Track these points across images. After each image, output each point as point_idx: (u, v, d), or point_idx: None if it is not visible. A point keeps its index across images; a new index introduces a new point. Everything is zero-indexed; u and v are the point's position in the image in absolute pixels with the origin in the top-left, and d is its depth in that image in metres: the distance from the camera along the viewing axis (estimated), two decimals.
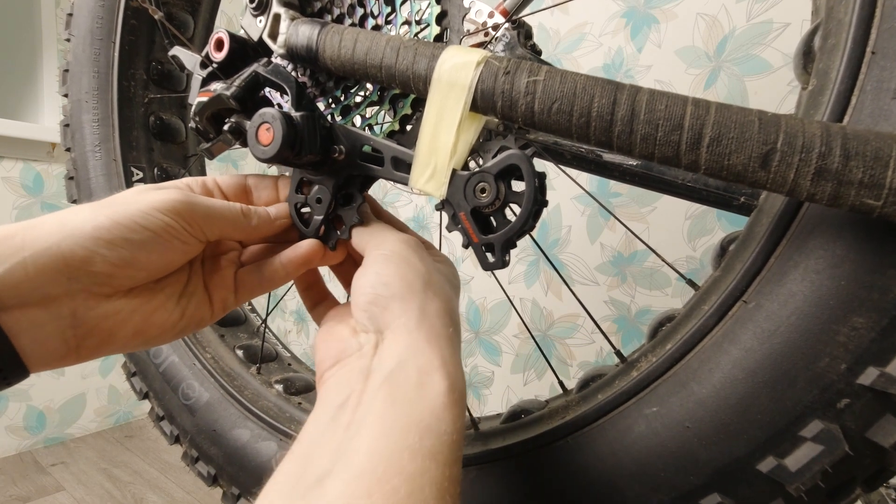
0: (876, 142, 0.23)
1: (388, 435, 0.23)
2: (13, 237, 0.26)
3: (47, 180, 1.44)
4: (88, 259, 0.27)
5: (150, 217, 0.29)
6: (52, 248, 0.26)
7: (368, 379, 0.27)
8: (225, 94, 0.35)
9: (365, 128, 0.41)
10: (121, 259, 0.28)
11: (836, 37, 0.30)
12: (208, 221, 0.32)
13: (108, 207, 0.29)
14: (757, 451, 0.29)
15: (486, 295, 1.28)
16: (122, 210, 0.29)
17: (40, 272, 0.26)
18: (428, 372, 0.26)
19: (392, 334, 0.29)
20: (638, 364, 0.36)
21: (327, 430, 0.25)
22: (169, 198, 0.30)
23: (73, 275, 0.27)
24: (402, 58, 0.33)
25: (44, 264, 0.26)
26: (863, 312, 0.26)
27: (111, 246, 0.28)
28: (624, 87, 0.28)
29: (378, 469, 0.22)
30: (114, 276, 0.29)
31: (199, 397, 0.55)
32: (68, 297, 0.28)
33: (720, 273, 0.34)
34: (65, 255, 0.27)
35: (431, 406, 0.25)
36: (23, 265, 0.26)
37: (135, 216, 0.29)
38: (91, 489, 1.19)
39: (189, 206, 0.31)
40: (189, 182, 0.36)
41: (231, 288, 0.37)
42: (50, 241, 0.26)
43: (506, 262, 0.32)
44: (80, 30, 0.63)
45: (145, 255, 0.30)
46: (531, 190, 0.31)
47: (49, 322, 0.27)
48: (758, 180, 0.25)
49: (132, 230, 0.29)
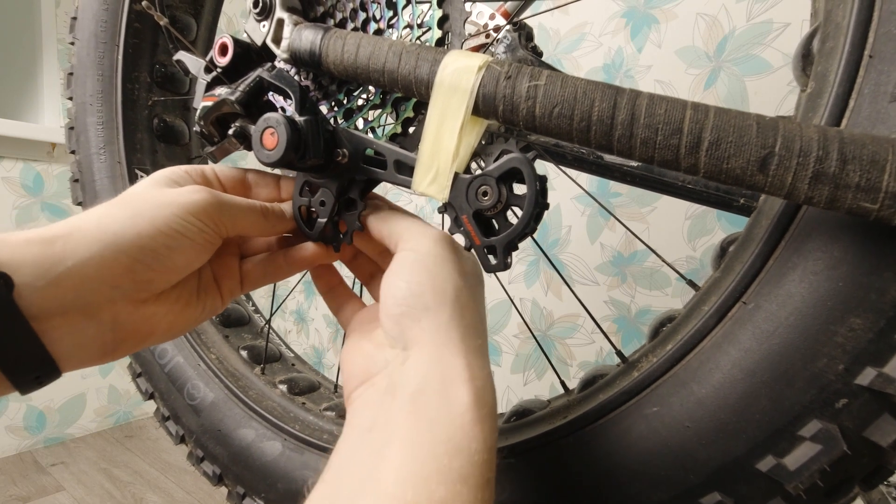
0: (872, 146, 0.24)
1: (415, 457, 0.22)
2: (52, 244, 0.26)
3: (47, 180, 1.45)
4: (131, 268, 0.27)
5: (186, 223, 0.29)
6: (94, 257, 0.26)
7: (395, 398, 0.26)
8: (229, 98, 0.35)
9: (367, 131, 0.41)
10: (162, 265, 0.29)
11: (834, 40, 0.30)
12: (233, 221, 0.33)
13: (146, 214, 0.29)
14: (756, 450, 0.29)
15: (486, 295, 1.28)
16: (160, 217, 0.29)
17: (84, 282, 0.26)
18: (454, 386, 0.25)
19: (419, 349, 0.28)
20: (639, 364, 0.36)
21: (356, 454, 0.25)
22: (200, 200, 0.30)
23: (115, 283, 0.27)
24: (404, 62, 0.34)
25: (86, 274, 0.26)
26: (860, 313, 0.27)
27: (154, 254, 0.28)
28: (624, 91, 0.28)
29: (407, 496, 0.21)
30: (154, 281, 0.29)
31: (204, 397, 0.56)
32: (110, 304, 0.28)
33: (720, 274, 0.34)
34: (109, 264, 0.26)
35: (460, 422, 0.24)
36: (68, 275, 0.25)
37: (172, 223, 0.29)
38: (91, 489, 1.20)
39: (218, 208, 0.31)
40: (189, 170, 0.35)
41: (237, 278, 0.38)
42: (92, 251, 0.26)
43: (508, 264, 0.33)
44: (83, 33, 0.63)
45: (183, 259, 0.30)
46: (532, 193, 0.31)
47: (90, 328, 0.27)
48: (756, 183, 0.26)
49: (171, 237, 0.29)
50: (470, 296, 0.30)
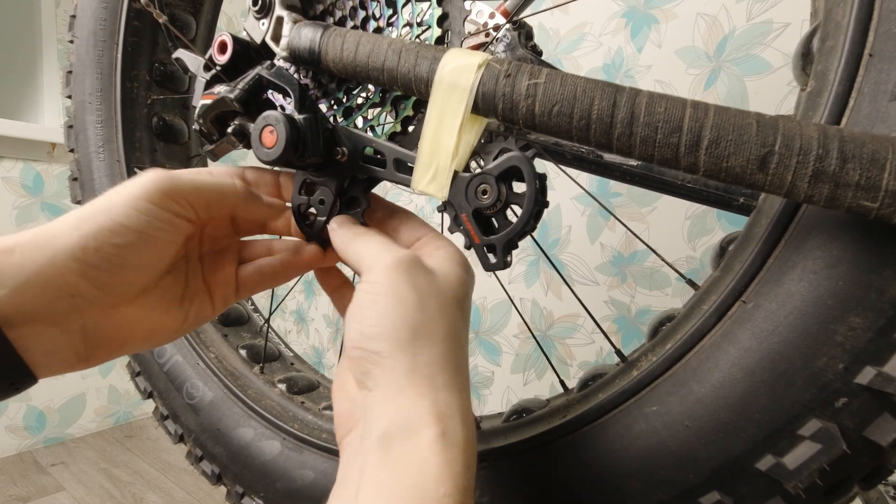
0: (872, 144, 0.24)
1: None
2: (11, 253, 0.25)
3: (47, 180, 1.45)
4: (83, 272, 0.26)
5: (132, 212, 0.28)
6: (47, 265, 0.26)
7: (364, 443, 0.25)
8: (229, 96, 0.35)
9: (367, 129, 0.41)
10: (111, 265, 0.27)
11: (834, 39, 0.30)
12: (197, 194, 0.31)
13: (90, 214, 0.28)
14: (756, 449, 0.29)
15: (486, 295, 1.28)
16: (105, 212, 0.27)
17: (43, 290, 0.26)
18: (419, 429, 0.24)
19: (382, 392, 0.26)
20: (638, 363, 0.36)
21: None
22: (147, 180, 0.28)
23: (74, 291, 0.26)
24: (403, 61, 0.34)
25: (44, 283, 0.26)
26: (860, 312, 0.27)
27: (100, 254, 0.27)
28: (624, 89, 0.28)
29: None
30: (113, 284, 0.28)
31: (202, 396, 0.55)
32: (75, 312, 0.27)
33: (719, 273, 0.34)
34: (61, 270, 0.26)
35: (426, 466, 0.23)
36: (27, 285, 0.25)
37: (116, 216, 0.27)
38: (91, 489, 1.19)
39: (171, 182, 0.29)
40: (181, 173, 0.34)
41: (232, 286, 0.37)
42: (45, 258, 0.26)
43: (507, 262, 0.33)
44: (83, 31, 0.63)
45: (135, 255, 0.28)
46: (532, 191, 0.31)
47: (58, 336, 0.27)
48: (756, 182, 0.26)
49: (115, 232, 0.27)
50: (436, 326, 0.28)
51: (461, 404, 0.26)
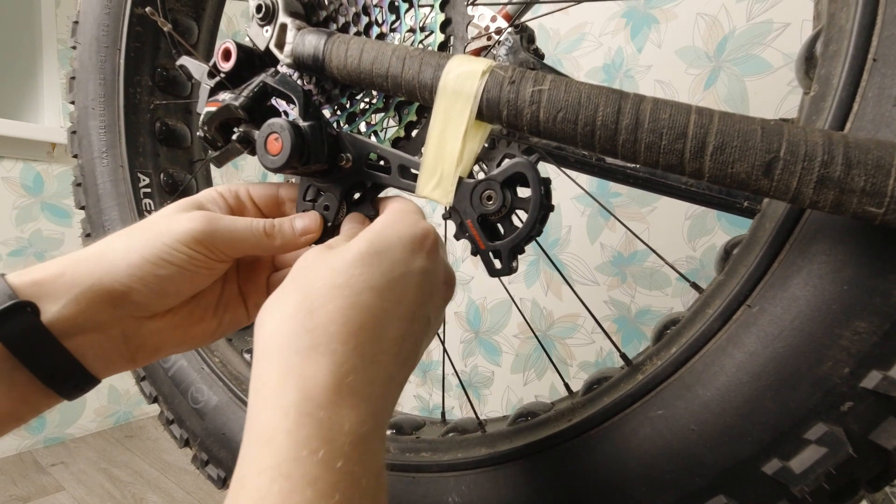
0: (877, 150, 0.24)
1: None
2: (62, 275, 0.30)
3: (47, 180, 1.44)
4: (126, 293, 0.31)
5: (175, 252, 0.31)
6: (95, 285, 0.30)
7: None
8: (233, 104, 0.35)
9: (370, 134, 0.41)
10: (152, 291, 0.31)
11: (837, 43, 0.30)
12: (230, 246, 0.33)
13: (138, 245, 0.31)
14: (761, 453, 0.29)
15: (486, 295, 1.28)
16: (151, 246, 0.31)
17: (90, 305, 0.30)
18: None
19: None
20: (643, 367, 0.36)
21: None
22: (191, 228, 0.32)
23: (116, 304, 0.31)
24: (407, 67, 0.34)
25: (91, 299, 0.30)
26: (865, 316, 0.27)
27: (143, 282, 0.31)
28: (628, 95, 0.28)
29: None
30: (149, 304, 0.32)
31: (208, 401, 0.56)
32: (117, 321, 0.31)
33: (724, 277, 0.35)
34: (107, 289, 0.30)
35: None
36: (76, 301, 0.29)
37: (160, 253, 0.31)
38: (91, 489, 1.19)
39: (210, 235, 0.32)
40: (223, 192, 0.36)
41: (264, 293, 0.38)
42: (93, 279, 0.30)
43: (513, 268, 0.33)
44: (85, 37, 0.63)
45: (174, 286, 0.32)
46: (537, 196, 0.31)
47: (105, 342, 0.32)
48: (761, 188, 0.26)
49: (159, 266, 0.31)
50: (313, 344, 0.25)
51: (357, 418, 0.25)
